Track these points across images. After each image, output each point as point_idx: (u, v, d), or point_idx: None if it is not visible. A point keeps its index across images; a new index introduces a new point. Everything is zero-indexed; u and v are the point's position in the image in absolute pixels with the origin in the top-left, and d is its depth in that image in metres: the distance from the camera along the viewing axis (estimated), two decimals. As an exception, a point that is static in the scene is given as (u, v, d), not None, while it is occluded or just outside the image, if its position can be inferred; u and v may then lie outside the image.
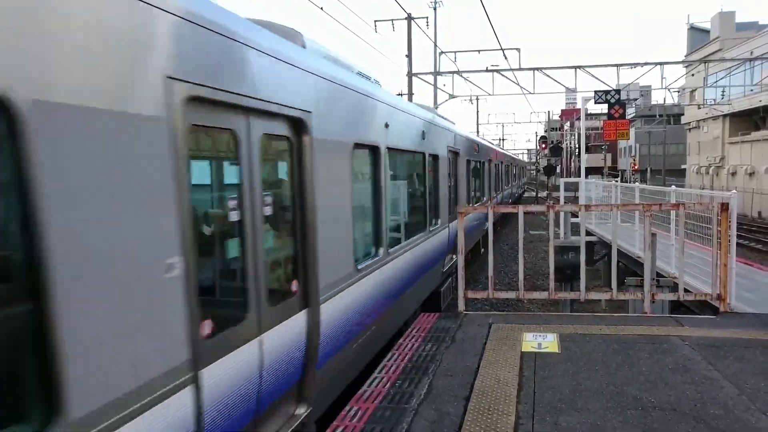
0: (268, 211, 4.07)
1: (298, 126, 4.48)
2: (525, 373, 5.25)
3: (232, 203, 3.67)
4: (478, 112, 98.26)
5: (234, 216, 3.67)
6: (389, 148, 7.04)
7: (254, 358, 3.78)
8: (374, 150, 6.58)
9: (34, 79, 2.14)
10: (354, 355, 5.77)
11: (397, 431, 4.17)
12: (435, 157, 9.99)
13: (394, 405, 4.63)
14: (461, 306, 7.55)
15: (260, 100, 3.80)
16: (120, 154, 2.54)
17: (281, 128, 4.30)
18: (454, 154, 12.26)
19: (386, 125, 6.97)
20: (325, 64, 5.17)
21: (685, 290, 7.81)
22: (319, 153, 4.71)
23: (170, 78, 2.88)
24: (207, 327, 3.25)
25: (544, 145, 55.73)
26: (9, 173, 2.14)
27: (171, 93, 2.88)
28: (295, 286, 4.47)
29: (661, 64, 25.22)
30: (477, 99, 55.36)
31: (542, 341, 6.15)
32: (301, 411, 4.55)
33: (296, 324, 4.41)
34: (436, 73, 26.52)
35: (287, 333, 4.27)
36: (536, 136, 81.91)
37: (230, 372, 3.49)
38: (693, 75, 39.96)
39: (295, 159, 4.51)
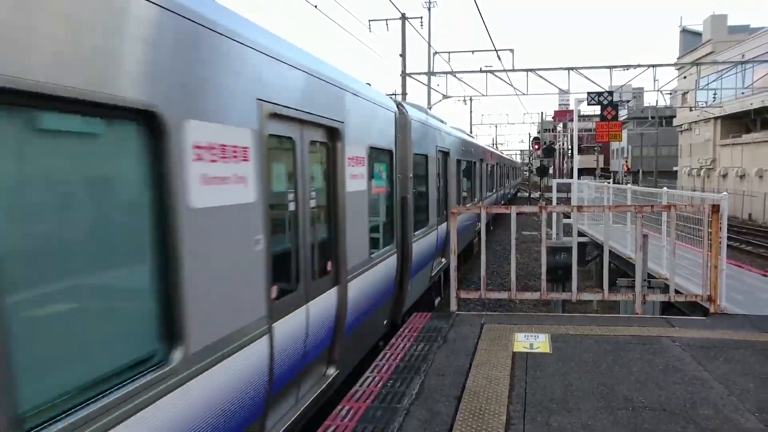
0: (313, 203, 5.13)
1: (334, 134, 5.61)
2: (516, 373, 5.26)
3: (290, 196, 4.75)
4: (471, 112, 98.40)
5: (292, 206, 4.76)
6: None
7: (303, 321, 4.77)
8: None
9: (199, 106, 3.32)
10: (366, 330, 6.77)
11: (389, 431, 4.16)
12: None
13: (386, 404, 4.62)
14: (453, 306, 7.56)
15: (311, 114, 4.94)
16: (234, 158, 3.64)
17: (323, 136, 5.44)
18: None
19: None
20: None
21: (676, 291, 7.86)
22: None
23: (259, 100, 4.01)
24: (274, 292, 4.17)
25: (537, 146, 55.93)
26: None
27: (261, 110, 4.01)
28: (330, 266, 5.50)
29: (653, 66, 25.36)
30: (470, 99, 55.55)
31: (534, 341, 6.16)
32: (331, 372, 5.61)
33: (330, 297, 5.42)
34: (430, 74, 26.55)
35: (324, 304, 5.29)
36: (529, 137, 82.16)
37: (288, 329, 4.47)
38: (685, 77, 40.32)
39: (331, 161, 5.65)
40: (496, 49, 22.52)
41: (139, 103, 2.77)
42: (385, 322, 7.79)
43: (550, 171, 60.82)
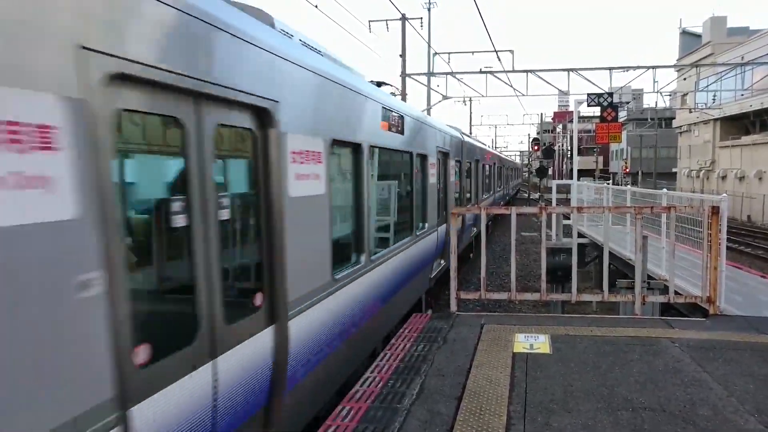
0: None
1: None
2: (516, 373, 5.27)
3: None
4: (471, 113, 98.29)
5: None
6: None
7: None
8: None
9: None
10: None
11: (389, 431, 4.17)
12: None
13: (386, 405, 4.63)
14: (453, 307, 7.57)
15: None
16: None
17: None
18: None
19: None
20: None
21: (676, 293, 7.87)
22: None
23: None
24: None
25: (536, 147, 55.95)
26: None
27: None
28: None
29: (653, 67, 25.38)
30: (470, 100, 55.54)
31: (534, 342, 6.17)
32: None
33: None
34: (430, 74, 26.56)
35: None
36: (529, 138, 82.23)
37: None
38: (684, 79, 40.33)
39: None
40: (495, 50, 22.51)
41: None
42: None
43: (550, 172, 60.88)
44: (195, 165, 3.26)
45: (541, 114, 77.84)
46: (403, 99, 24.53)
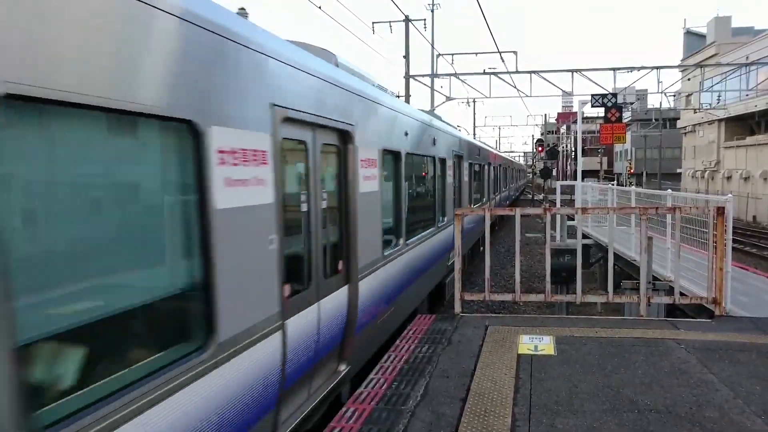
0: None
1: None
2: (521, 375, 5.25)
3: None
4: (474, 114, 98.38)
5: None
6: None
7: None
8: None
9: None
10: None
11: (394, 433, 4.17)
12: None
13: (391, 406, 4.63)
14: (458, 308, 7.55)
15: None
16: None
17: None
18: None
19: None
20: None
21: (681, 293, 7.84)
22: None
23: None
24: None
25: (540, 148, 55.83)
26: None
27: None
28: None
29: (657, 68, 25.31)
30: (474, 101, 55.46)
31: (538, 343, 6.16)
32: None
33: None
34: (434, 75, 26.55)
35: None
36: (533, 139, 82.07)
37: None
38: (689, 79, 40.23)
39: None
40: (499, 51, 22.52)
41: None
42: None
43: (554, 173, 60.73)
44: (313, 171, 4.96)
45: (545, 115, 77.67)
46: (407, 101, 24.54)
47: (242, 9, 5.83)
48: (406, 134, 8.15)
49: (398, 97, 11.25)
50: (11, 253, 2.16)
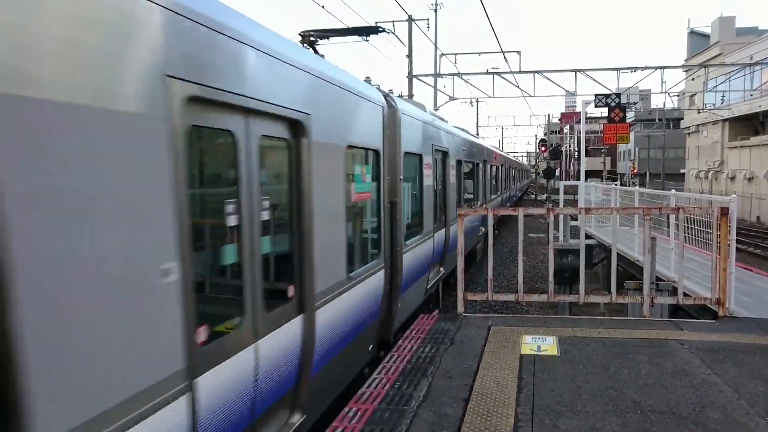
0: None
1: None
2: (524, 375, 5.24)
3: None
4: (478, 114, 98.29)
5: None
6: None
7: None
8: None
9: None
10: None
11: (396, 433, 4.16)
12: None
13: (393, 406, 4.62)
14: (460, 308, 7.54)
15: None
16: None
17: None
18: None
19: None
20: None
21: (685, 294, 7.81)
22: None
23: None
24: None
25: (543, 148, 55.76)
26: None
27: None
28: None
29: (661, 68, 25.26)
30: (477, 101, 55.43)
31: (541, 344, 6.14)
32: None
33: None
34: (437, 75, 26.54)
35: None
36: (536, 139, 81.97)
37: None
38: (693, 79, 40.10)
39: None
40: (503, 51, 22.50)
41: None
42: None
43: (557, 173, 60.64)
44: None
45: (548, 115, 77.63)
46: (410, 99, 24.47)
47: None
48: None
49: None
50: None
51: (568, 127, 77.31)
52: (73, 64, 2.31)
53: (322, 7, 17.09)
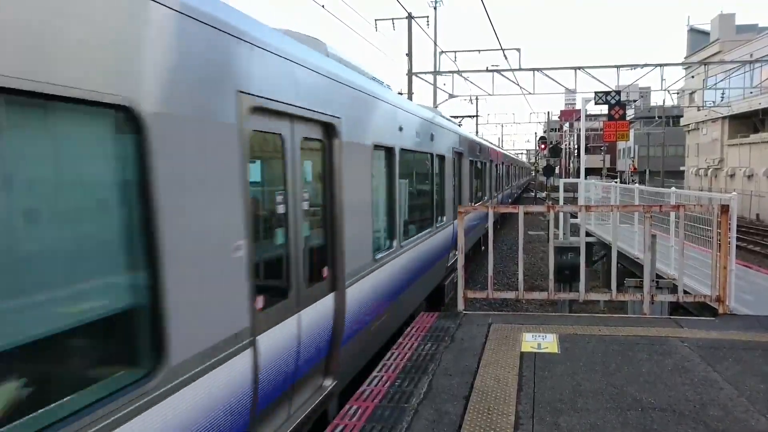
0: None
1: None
2: (524, 373, 5.25)
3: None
4: (477, 111, 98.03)
5: None
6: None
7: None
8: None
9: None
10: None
11: (397, 430, 4.16)
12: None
13: (394, 404, 4.63)
14: (461, 306, 7.55)
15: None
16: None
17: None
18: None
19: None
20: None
21: (685, 292, 7.82)
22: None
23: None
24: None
25: (543, 146, 55.76)
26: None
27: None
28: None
29: (660, 65, 25.23)
30: (477, 99, 55.35)
31: (542, 341, 6.15)
32: None
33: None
34: (436, 73, 26.51)
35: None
36: (535, 136, 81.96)
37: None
38: (693, 77, 40.07)
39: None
40: (502, 49, 22.49)
41: None
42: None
43: (557, 171, 60.67)
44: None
45: (548, 112, 77.65)
46: (410, 98, 24.50)
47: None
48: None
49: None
50: None
51: (567, 124, 77.34)
52: (191, 89, 3.09)
53: (323, 6, 17.06)
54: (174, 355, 2.87)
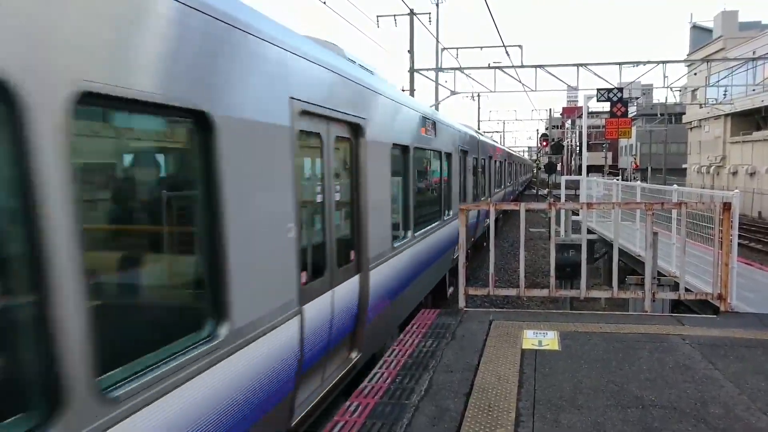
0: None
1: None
2: (525, 370, 5.25)
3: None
4: (479, 108, 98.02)
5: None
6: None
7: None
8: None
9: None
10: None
11: (398, 427, 4.17)
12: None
13: (395, 400, 4.63)
14: (462, 303, 7.54)
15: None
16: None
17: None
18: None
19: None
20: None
21: (686, 289, 7.81)
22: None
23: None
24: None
25: (545, 143, 55.66)
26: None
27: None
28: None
29: (663, 62, 25.17)
30: (478, 96, 55.27)
31: (543, 339, 6.14)
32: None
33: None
34: (438, 70, 26.44)
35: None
36: (537, 133, 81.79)
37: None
38: (695, 74, 39.94)
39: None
40: (504, 45, 22.41)
41: None
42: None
43: (558, 168, 60.57)
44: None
45: (550, 110, 77.52)
46: (411, 95, 24.47)
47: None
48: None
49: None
50: None
51: (569, 121, 77.22)
52: (258, 97, 3.77)
53: (324, 2, 17.03)
54: (239, 317, 3.46)
